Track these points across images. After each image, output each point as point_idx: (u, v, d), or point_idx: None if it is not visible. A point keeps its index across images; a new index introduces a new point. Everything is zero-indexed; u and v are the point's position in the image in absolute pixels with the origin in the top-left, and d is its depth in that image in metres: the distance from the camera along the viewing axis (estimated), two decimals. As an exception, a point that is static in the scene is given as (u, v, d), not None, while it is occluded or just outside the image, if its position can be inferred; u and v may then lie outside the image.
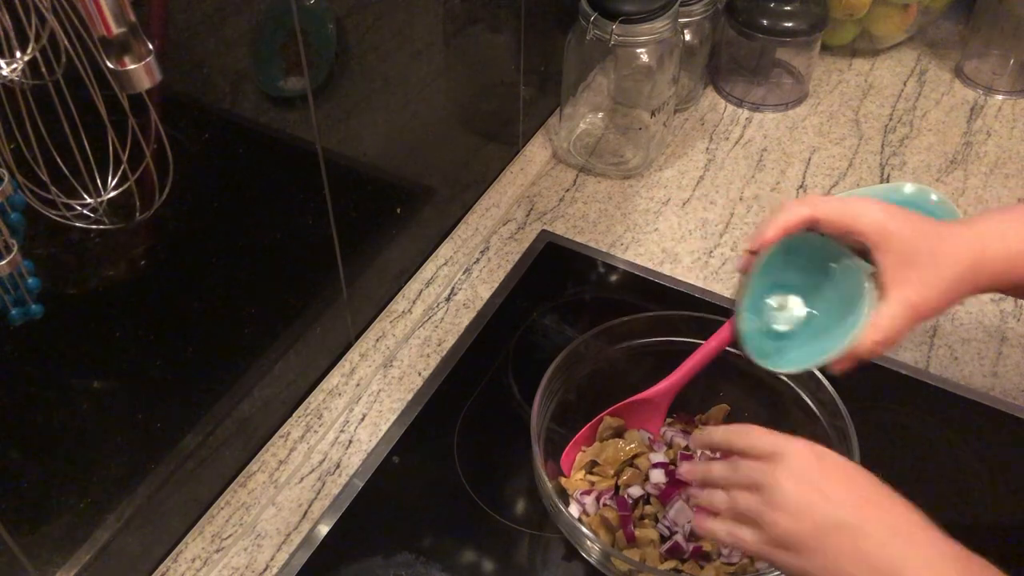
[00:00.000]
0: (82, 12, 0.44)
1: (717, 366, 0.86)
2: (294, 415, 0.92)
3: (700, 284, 1.05)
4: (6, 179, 0.51)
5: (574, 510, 0.80)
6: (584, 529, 0.75)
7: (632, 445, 0.83)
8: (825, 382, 0.80)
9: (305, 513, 0.86)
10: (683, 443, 0.84)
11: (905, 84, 1.34)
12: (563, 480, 0.82)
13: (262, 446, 0.90)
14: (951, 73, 1.35)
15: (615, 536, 0.78)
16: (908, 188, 0.81)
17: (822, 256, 0.73)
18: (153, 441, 0.76)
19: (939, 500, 0.88)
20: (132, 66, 0.46)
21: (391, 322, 1.01)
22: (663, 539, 0.77)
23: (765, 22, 1.24)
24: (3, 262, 0.52)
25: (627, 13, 1.05)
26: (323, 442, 0.91)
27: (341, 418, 0.93)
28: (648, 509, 0.80)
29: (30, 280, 0.55)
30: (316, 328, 0.91)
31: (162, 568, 0.81)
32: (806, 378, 0.82)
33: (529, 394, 0.81)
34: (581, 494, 0.80)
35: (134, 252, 0.68)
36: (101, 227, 0.59)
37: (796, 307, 0.77)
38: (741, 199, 1.16)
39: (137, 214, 0.60)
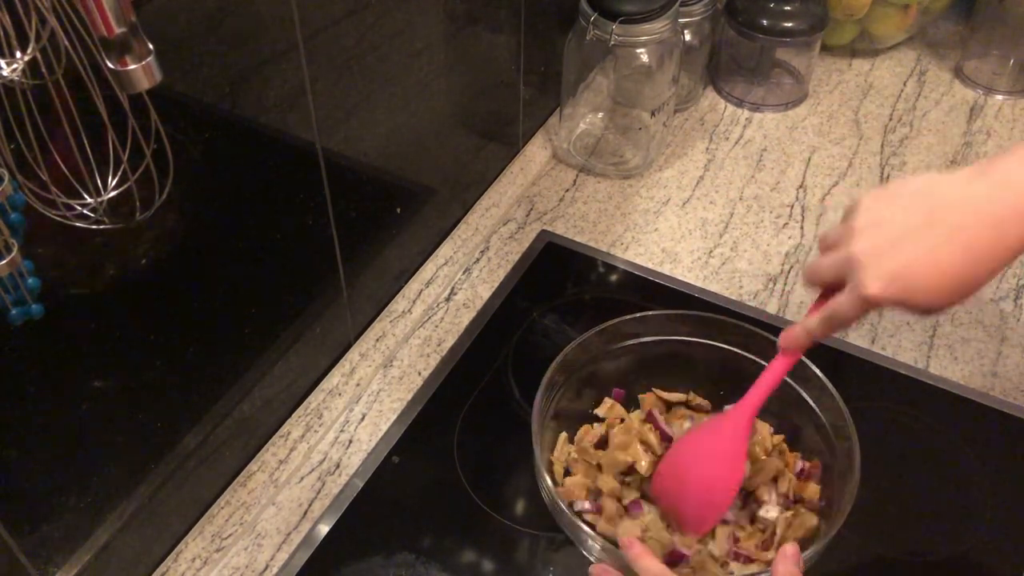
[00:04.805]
0: (82, 12, 0.44)
1: (720, 368, 0.87)
2: (294, 415, 0.92)
3: (700, 284, 1.06)
4: (6, 179, 0.51)
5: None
6: (584, 527, 0.75)
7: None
8: (827, 383, 0.80)
9: (305, 513, 0.86)
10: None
11: (905, 84, 1.34)
12: (560, 490, 0.81)
13: (262, 446, 0.90)
14: (951, 73, 1.35)
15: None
16: None
17: None
18: (153, 441, 0.76)
19: (939, 500, 0.88)
20: (132, 66, 0.46)
21: (391, 322, 1.01)
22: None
23: (765, 22, 1.24)
24: (3, 262, 0.52)
25: (627, 13, 1.05)
26: (323, 442, 0.91)
27: (341, 418, 0.93)
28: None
29: (30, 280, 0.55)
30: (316, 328, 0.91)
31: (162, 568, 0.81)
32: (808, 378, 0.82)
33: (529, 394, 0.81)
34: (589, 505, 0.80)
35: (134, 252, 0.68)
36: (101, 227, 0.59)
37: None
38: (741, 199, 1.16)
39: (137, 214, 0.60)
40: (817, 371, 0.80)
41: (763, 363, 0.84)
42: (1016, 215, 0.61)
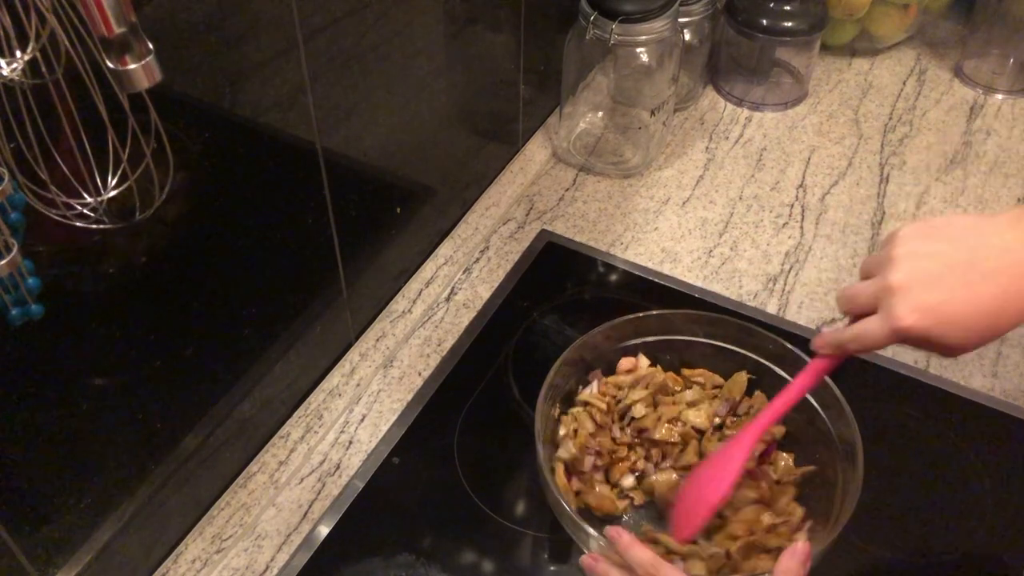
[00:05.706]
0: (82, 12, 0.44)
1: (722, 367, 0.86)
2: (294, 415, 0.92)
3: (700, 284, 1.05)
4: (6, 178, 0.51)
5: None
6: (587, 527, 0.75)
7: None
8: (831, 385, 0.80)
9: (305, 514, 0.86)
10: None
11: (905, 84, 1.34)
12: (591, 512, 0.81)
13: (262, 446, 0.90)
14: (951, 73, 1.35)
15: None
16: None
17: None
18: (153, 441, 0.76)
19: (939, 500, 0.88)
20: (132, 66, 0.46)
21: (391, 322, 1.01)
22: None
23: (765, 22, 1.24)
24: (3, 262, 0.52)
25: (627, 13, 1.05)
26: (323, 443, 0.91)
27: (341, 418, 0.93)
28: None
29: (30, 280, 0.55)
30: (316, 328, 0.91)
31: (162, 569, 0.81)
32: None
33: (529, 394, 0.81)
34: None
35: (134, 252, 0.68)
36: (101, 227, 0.59)
37: None
38: (741, 198, 1.16)
39: (137, 214, 0.60)
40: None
41: (764, 362, 0.84)
42: None
